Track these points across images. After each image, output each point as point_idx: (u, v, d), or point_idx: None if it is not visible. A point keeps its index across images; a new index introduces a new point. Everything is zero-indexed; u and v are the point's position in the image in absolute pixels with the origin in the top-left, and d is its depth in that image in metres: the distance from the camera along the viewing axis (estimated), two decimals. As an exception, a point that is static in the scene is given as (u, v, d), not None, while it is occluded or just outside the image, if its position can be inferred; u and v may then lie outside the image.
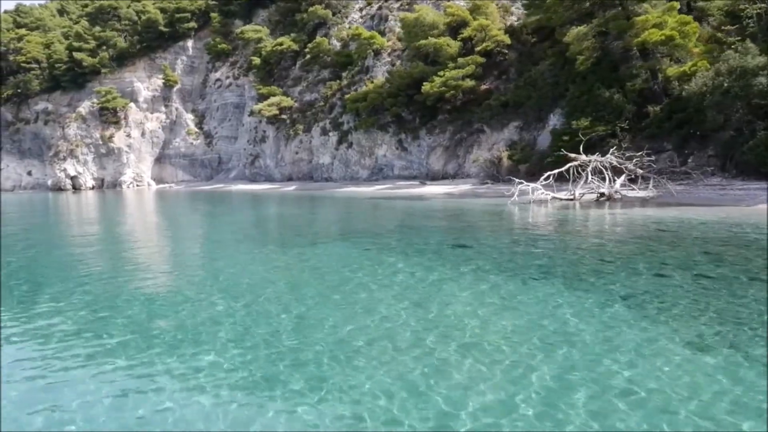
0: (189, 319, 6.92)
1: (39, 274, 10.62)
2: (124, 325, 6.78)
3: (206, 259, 11.99)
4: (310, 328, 6.47)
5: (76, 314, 7.33)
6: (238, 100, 71.45)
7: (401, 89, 43.46)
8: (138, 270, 10.82)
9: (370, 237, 14.84)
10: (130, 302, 7.90)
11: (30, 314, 7.46)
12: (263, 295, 8.09)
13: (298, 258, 11.40)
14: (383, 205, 26.10)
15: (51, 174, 74.54)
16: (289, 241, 14.54)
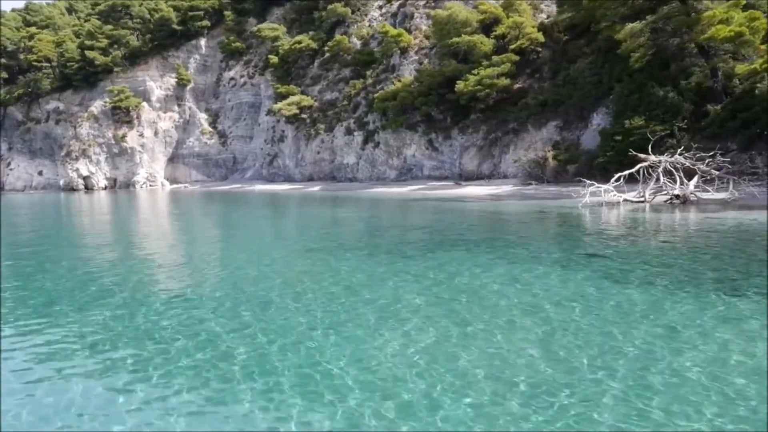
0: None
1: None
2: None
3: (351, 280, 9.86)
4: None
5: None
6: (253, 99, 69.74)
7: (432, 88, 41.99)
8: (278, 299, 9.01)
9: (483, 244, 13.34)
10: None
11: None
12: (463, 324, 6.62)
13: (434, 270, 9.87)
14: (444, 208, 24.57)
15: (63, 174, 72.57)
16: (395, 248, 12.95)
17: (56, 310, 7.93)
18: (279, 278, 9.86)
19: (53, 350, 6.28)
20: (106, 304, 8.10)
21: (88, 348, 6.28)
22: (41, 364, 5.86)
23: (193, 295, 8.60)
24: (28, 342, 6.58)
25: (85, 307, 8.00)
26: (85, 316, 7.60)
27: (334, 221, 20.86)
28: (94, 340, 6.51)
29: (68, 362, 5.90)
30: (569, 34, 41.69)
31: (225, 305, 7.89)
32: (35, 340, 6.63)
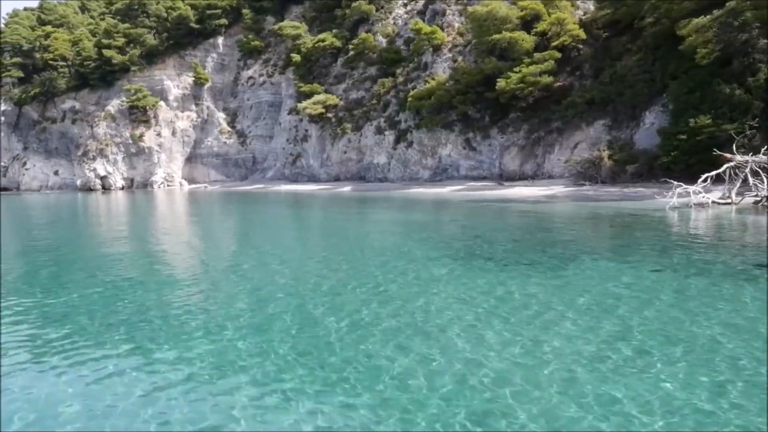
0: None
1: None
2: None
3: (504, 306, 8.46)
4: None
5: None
6: (272, 99, 68.27)
7: (470, 86, 40.60)
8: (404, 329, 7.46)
9: (614, 253, 11.98)
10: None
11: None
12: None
13: (595, 283, 8.50)
14: (511, 210, 23.14)
15: (80, 174, 71.04)
16: (510, 257, 11.64)
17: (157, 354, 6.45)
18: (456, 299, 8.45)
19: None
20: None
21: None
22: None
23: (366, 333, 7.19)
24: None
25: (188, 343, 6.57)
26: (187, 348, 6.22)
27: (414, 225, 19.43)
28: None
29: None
30: (609, 31, 40.42)
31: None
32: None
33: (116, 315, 7.77)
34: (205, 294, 9.20)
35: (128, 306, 8.31)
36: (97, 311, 8.01)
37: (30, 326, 7.47)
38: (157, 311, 7.97)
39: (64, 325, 7.41)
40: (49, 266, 12.32)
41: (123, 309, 8.12)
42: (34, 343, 6.72)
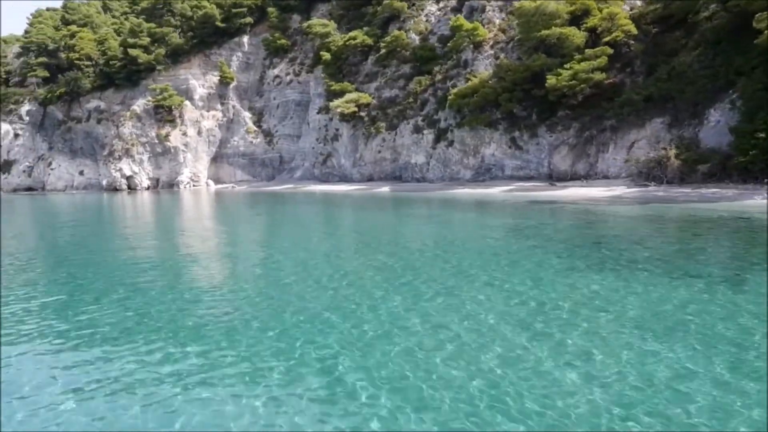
0: None
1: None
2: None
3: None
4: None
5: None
6: (300, 98, 67.08)
7: (516, 83, 39.17)
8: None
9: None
10: None
11: None
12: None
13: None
14: (592, 212, 21.81)
15: (106, 174, 70.23)
16: (665, 266, 10.33)
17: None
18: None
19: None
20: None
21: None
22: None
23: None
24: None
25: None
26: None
27: (508, 229, 18.12)
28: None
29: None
30: (659, 27, 38.89)
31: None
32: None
33: (203, 339, 6.56)
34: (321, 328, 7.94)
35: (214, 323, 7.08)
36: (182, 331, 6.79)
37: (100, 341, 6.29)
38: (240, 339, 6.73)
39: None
40: (99, 280, 11.15)
41: (210, 330, 6.89)
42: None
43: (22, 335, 7.56)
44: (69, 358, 6.68)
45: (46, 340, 7.44)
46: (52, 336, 7.52)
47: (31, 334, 7.67)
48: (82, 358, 6.62)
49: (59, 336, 7.53)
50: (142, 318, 8.19)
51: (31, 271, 12.50)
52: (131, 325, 7.81)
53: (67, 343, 7.24)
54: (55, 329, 7.92)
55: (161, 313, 8.45)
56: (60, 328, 7.97)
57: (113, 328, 7.74)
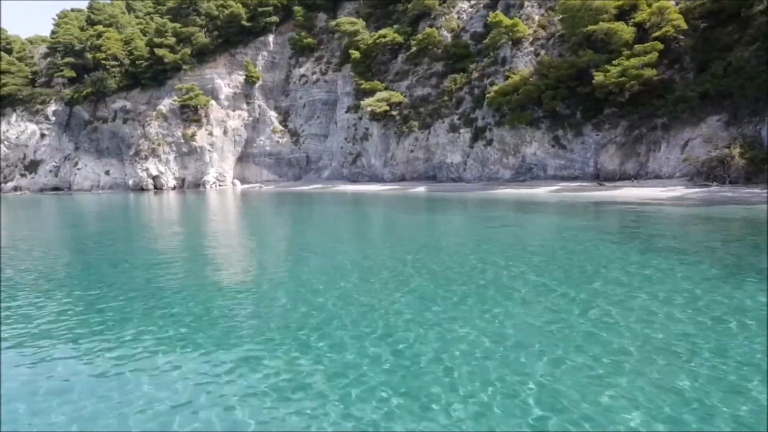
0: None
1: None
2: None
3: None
4: None
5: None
6: (326, 97, 66.27)
7: (561, 81, 37.95)
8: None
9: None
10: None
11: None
12: None
13: None
14: (663, 214, 20.57)
15: (132, 174, 69.93)
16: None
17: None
18: None
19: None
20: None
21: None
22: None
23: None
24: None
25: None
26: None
27: (599, 231, 16.97)
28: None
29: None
30: (708, 21, 37.42)
31: None
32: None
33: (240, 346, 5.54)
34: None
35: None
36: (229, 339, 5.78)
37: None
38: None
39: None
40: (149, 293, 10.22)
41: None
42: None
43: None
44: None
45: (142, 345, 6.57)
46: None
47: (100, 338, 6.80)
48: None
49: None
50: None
51: (61, 279, 11.69)
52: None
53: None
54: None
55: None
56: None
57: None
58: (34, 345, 7.32)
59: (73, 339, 7.54)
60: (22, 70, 77.72)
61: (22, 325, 8.24)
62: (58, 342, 7.48)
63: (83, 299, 9.78)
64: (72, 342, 7.43)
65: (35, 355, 6.94)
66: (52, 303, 9.52)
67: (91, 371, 6.30)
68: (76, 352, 7.06)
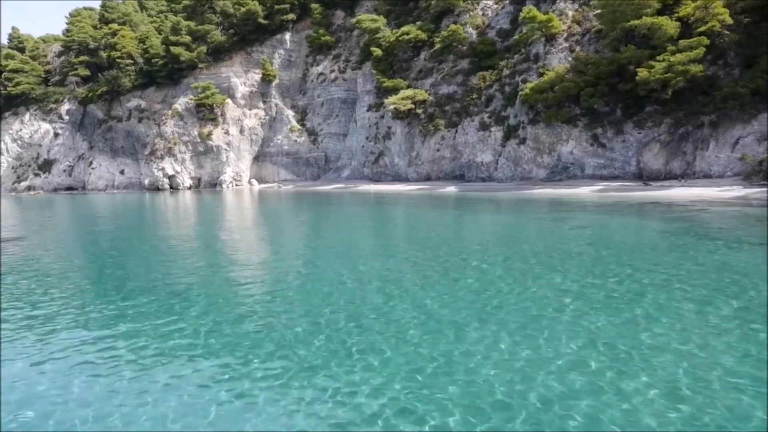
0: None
1: None
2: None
3: None
4: None
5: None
6: (345, 95, 64.88)
7: (600, 77, 36.59)
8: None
9: None
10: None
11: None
12: None
13: None
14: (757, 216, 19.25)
15: (147, 173, 68.60)
16: None
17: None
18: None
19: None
20: None
21: None
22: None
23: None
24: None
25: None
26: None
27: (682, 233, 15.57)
28: None
29: None
30: (752, 16, 36.04)
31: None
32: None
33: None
34: None
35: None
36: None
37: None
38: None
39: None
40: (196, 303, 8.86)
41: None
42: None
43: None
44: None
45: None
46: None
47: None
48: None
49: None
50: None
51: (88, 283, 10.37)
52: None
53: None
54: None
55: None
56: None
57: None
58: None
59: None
60: (36, 68, 76.43)
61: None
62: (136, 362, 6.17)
63: (155, 333, 8.47)
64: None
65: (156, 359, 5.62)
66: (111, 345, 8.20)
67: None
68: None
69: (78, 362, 6.54)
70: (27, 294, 10.15)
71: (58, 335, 7.59)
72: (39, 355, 6.81)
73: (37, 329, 7.86)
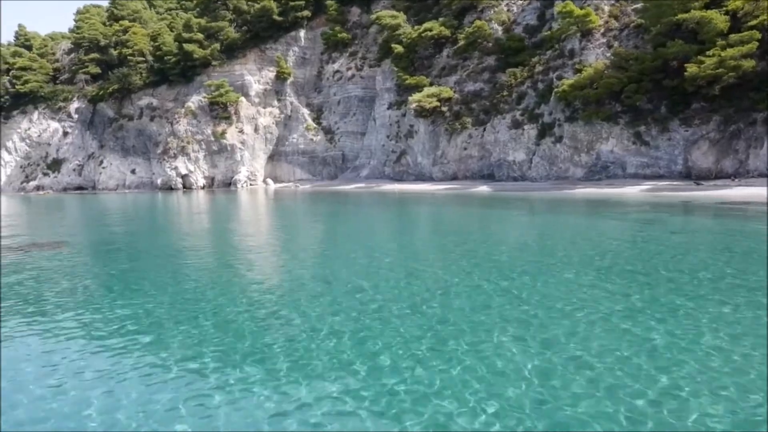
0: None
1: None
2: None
3: None
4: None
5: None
6: (363, 93, 63.06)
7: (644, 73, 34.98)
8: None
9: None
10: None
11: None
12: None
13: None
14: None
15: (160, 172, 66.56)
16: None
17: None
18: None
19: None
20: None
21: None
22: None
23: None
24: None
25: None
26: None
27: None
28: None
29: None
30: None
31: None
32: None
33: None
34: None
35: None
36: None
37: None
38: None
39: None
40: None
41: None
42: None
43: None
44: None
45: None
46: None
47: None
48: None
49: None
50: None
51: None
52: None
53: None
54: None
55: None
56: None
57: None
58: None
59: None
60: (44, 66, 74.22)
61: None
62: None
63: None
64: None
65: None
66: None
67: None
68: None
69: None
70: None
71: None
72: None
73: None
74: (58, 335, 7.55)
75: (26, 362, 6.56)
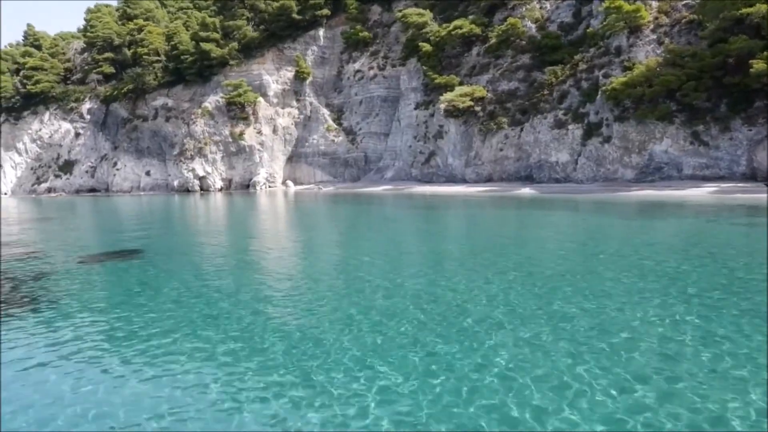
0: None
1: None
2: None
3: None
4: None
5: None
6: (386, 93, 60.80)
7: (704, 71, 32.99)
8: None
9: None
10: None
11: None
12: None
13: None
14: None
15: (177, 174, 64.05)
16: None
17: None
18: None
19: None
20: None
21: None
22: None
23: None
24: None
25: None
26: None
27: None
28: None
29: None
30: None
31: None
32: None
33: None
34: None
35: None
36: None
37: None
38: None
39: None
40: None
41: None
42: None
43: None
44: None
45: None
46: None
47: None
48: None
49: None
50: None
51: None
52: None
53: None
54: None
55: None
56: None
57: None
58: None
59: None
60: (55, 66, 71.50)
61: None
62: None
63: None
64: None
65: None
66: None
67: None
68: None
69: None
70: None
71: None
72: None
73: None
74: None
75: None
